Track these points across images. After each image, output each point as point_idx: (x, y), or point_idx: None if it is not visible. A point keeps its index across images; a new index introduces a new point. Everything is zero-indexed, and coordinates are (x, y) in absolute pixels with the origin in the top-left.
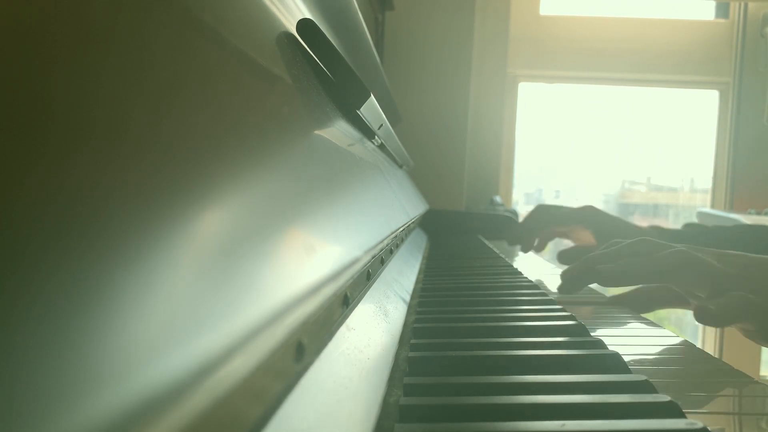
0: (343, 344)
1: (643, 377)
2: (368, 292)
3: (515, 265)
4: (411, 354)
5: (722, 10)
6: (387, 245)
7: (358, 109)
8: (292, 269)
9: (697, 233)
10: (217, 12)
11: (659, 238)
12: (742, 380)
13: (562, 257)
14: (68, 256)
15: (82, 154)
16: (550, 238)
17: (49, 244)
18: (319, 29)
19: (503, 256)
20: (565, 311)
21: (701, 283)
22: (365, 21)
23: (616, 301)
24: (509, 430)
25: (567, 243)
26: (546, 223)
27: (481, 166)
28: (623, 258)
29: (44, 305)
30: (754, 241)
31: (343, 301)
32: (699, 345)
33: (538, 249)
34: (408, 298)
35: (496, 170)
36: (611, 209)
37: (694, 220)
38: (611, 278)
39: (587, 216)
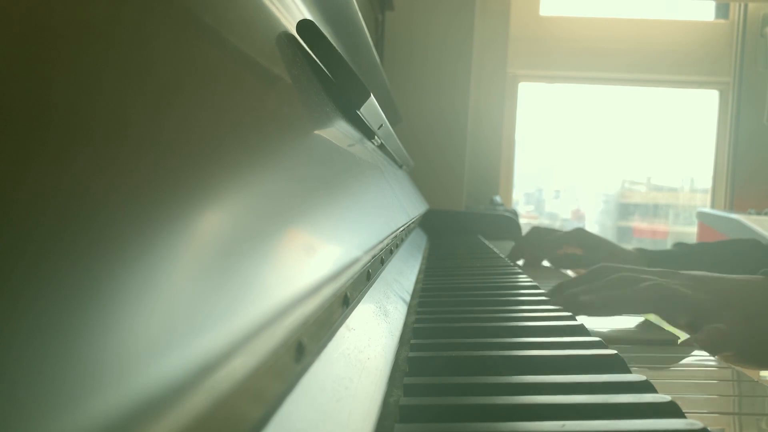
0: (343, 344)
1: (643, 377)
2: (368, 292)
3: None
4: (411, 354)
5: (722, 10)
6: (387, 245)
7: (358, 109)
8: (292, 269)
9: (683, 253)
10: (217, 12)
11: (644, 261)
12: (742, 380)
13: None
14: (69, 256)
15: (82, 154)
16: (542, 260)
17: (50, 244)
18: (319, 29)
19: (503, 256)
20: (565, 311)
21: (678, 313)
22: (365, 21)
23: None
24: (509, 430)
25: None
26: (539, 248)
27: (481, 166)
28: (602, 290)
29: (44, 305)
30: (738, 255)
31: (343, 301)
32: None
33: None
34: (408, 298)
35: (496, 170)
36: (611, 209)
37: (694, 219)
38: (592, 310)
39: (576, 237)
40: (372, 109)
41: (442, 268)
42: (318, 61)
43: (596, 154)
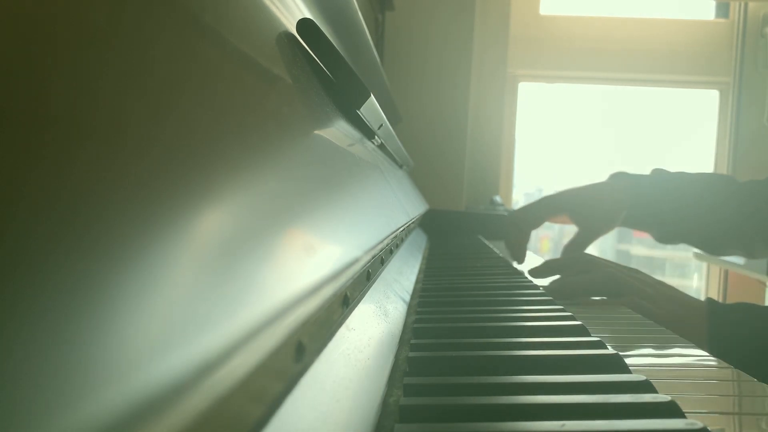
0: (343, 344)
1: (643, 377)
2: (368, 292)
3: (515, 265)
4: (411, 354)
5: (722, 10)
6: (387, 245)
7: (358, 109)
8: (292, 269)
9: (661, 180)
10: (217, 12)
11: (624, 182)
12: (742, 380)
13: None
14: (69, 255)
15: (83, 154)
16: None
17: (50, 243)
18: (319, 29)
19: (503, 256)
20: (565, 311)
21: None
22: (365, 21)
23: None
24: (509, 430)
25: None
26: (523, 230)
27: (481, 166)
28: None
29: (44, 305)
30: (710, 189)
31: (343, 301)
32: None
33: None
34: (408, 298)
35: (496, 170)
36: None
37: None
38: (554, 292)
39: (558, 201)
40: (372, 109)
41: (442, 268)
42: (318, 60)
43: (596, 154)
